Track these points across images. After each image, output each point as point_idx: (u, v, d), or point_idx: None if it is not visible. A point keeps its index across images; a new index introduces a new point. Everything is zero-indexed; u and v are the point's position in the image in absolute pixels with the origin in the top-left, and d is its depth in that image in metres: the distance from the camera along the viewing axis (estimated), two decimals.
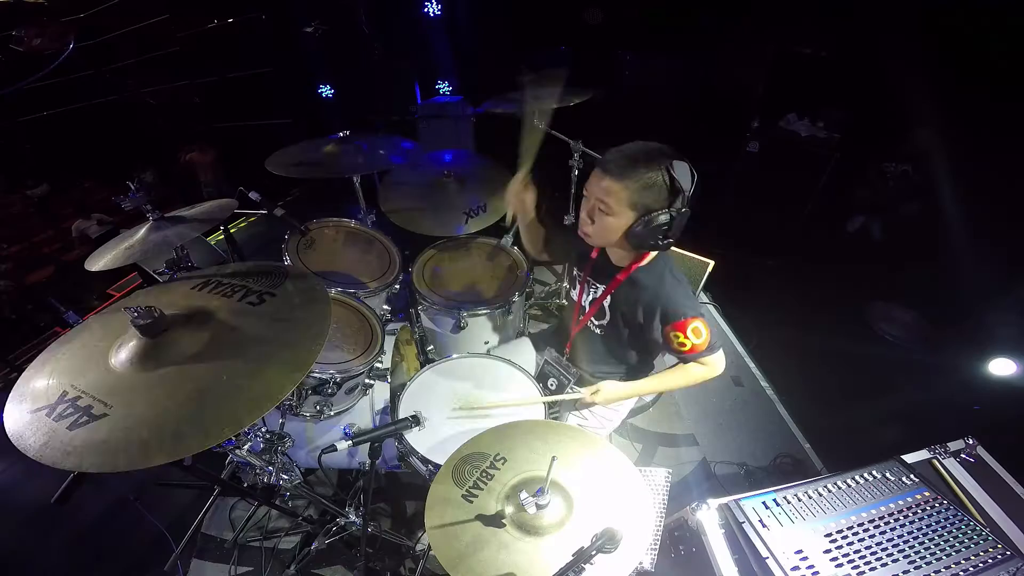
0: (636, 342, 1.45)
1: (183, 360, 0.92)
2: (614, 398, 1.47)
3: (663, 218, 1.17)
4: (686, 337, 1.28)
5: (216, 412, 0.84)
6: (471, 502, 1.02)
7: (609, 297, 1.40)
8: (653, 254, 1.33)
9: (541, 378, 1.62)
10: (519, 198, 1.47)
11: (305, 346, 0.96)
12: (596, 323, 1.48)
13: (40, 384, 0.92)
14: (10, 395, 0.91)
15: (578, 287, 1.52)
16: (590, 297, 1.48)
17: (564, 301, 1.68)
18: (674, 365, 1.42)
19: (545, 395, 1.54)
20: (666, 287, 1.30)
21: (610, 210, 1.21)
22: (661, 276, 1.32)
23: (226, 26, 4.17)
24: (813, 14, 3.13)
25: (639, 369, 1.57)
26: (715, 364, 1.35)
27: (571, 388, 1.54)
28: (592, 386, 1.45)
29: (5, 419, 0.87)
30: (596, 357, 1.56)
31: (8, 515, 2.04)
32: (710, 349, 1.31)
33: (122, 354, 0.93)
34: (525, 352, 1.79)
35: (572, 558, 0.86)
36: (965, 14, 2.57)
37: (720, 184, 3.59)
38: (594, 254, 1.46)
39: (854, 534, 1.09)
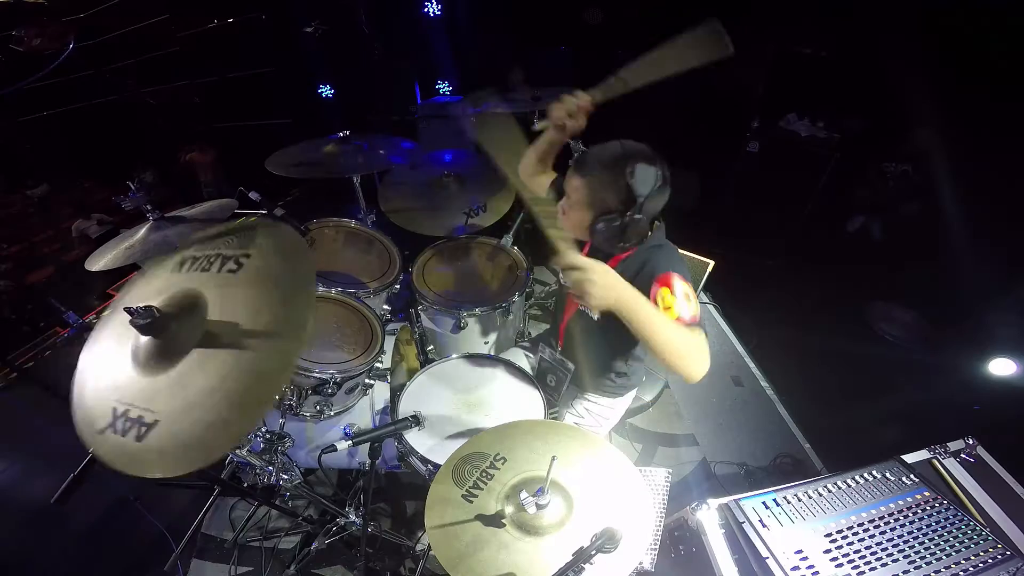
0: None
1: (191, 348, 0.91)
2: (611, 292, 1.05)
3: (617, 222, 1.17)
4: (672, 295, 1.12)
5: (246, 384, 0.84)
6: (471, 502, 1.02)
7: None
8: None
9: (539, 376, 1.62)
10: (578, 113, 1.37)
11: (298, 291, 0.94)
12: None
13: (90, 405, 0.93)
14: (75, 422, 0.92)
15: None
16: None
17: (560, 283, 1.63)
18: None
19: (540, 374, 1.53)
20: (657, 250, 1.27)
21: (572, 205, 1.24)
22: (656, 247, 1.29)
23: (226, 26, 4.17)
24: (813, 14, 3.13)
25: (634, 365, 1.56)
26: (701, 340, 1.10)
27: (566, 371, 1.53)
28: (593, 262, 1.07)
29: (92, 447, 0.88)
30: (592, 347, 1.52)
31: (8, 515, 2.04)
32: (698, 326, 1.12)
33: (139, 358, 0.93)
34: (520, 359, 1.78)
35: (572, 558, 0.87)
36: (965, 14, 2.57)
37: (720, 184, 3.58)
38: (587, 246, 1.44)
39: (854, 534, 1.09)
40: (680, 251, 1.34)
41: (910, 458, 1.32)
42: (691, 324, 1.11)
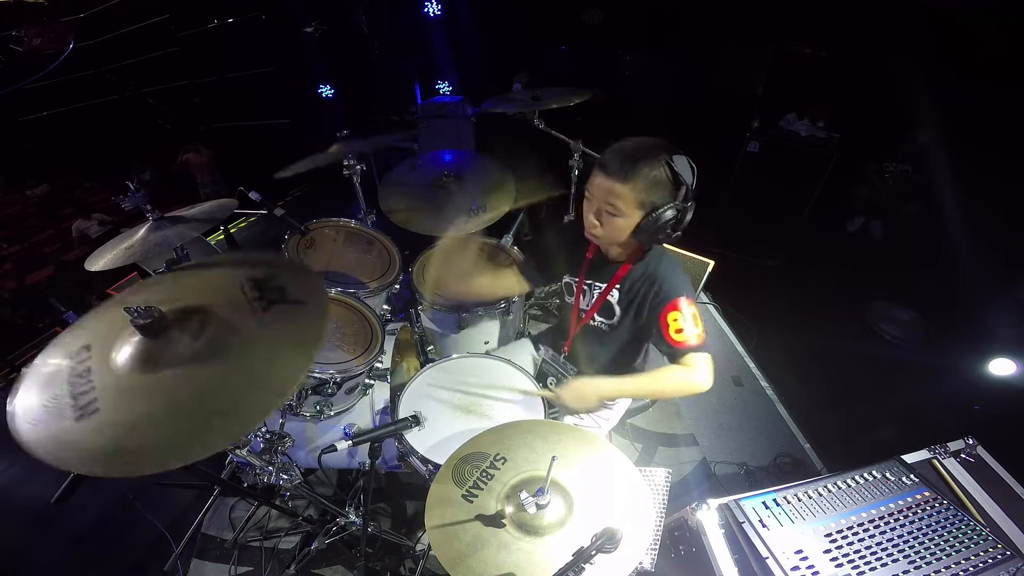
0: (643, 338, 1.45)
1: (184, 361, 0.89)
2: (591, 395, 1.30)
3: (670, 213, 1.18)
4: (684, 319, 1.22)
5: (218, 410, 0.81)
6: (471, 502, 1.02)
7: (616, 292, 1.39)
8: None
9: (540, 377, 1.62)
10: None
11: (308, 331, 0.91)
12: (604, 321, 1.47)
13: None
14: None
15: (574, 291, 1.51)
16: (590, 298, 1.47)
17: (564, 300, 1.67)
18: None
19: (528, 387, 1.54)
20: (665, 267, 1.31)
21: (619, 212, 1.21)
22: (660, 259, 1.33)
23: (226, 26, 4.18)
24: (812, 14, 3.13)
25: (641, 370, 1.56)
26: (702, 367, 1.23)
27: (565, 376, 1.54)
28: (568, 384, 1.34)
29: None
30: (599, 356, 1.54)
31: (8, 515, 2.04)
32: (704, 348, 1.23)
33: (124, 352, 0.91)
34: (524, 352, 1.79)
35: (572, 558, 0.86)
36: (965, 14, 2.57)
37: (720, 184, 3.59)
38: (589, 254, 1.44)
39: (854, 534, 1.09)
40: (680, 251, 1.36)
41: (910, 458, 1.32)
42: (698, 348, 1.22)
